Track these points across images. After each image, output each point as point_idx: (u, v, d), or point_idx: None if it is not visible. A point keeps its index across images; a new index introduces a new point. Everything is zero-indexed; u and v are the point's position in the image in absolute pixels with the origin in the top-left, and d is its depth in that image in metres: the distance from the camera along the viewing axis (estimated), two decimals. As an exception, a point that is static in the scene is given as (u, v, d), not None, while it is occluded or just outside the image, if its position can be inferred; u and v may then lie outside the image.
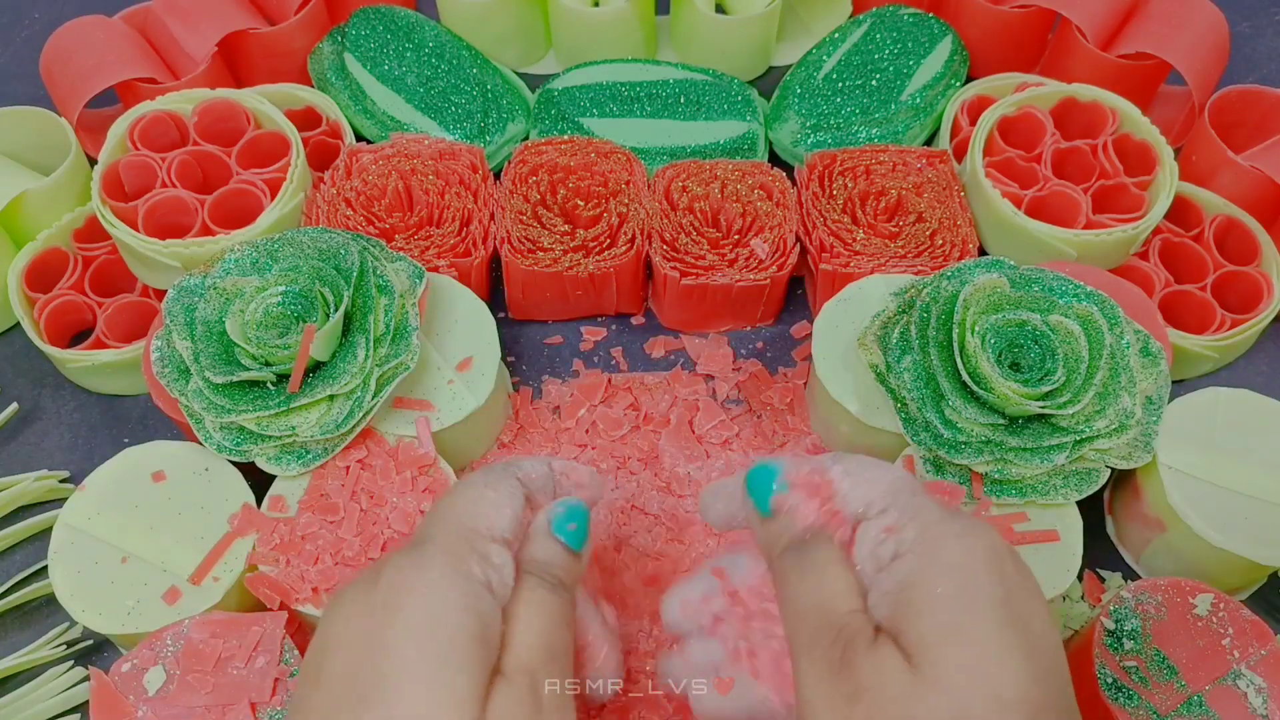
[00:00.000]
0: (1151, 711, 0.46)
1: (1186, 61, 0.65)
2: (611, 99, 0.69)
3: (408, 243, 0.60)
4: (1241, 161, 0.63)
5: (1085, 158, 0.63)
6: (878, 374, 0.53)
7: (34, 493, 0.57)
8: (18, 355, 0.64)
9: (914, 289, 0.55)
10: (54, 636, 0.54)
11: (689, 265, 0.60)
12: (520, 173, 0.63)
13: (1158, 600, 0.48)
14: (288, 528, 0.50)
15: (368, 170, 0.63)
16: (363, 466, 0.52)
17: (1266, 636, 0.47)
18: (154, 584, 0.49)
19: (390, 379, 0.52)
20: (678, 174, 0.63)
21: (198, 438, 0.51)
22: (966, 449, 0.50)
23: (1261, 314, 0.60)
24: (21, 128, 0.65)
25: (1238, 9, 0.78)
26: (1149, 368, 0.53)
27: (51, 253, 0.62)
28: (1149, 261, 0.63)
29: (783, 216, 0.61)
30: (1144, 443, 0.52)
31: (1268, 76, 0.77)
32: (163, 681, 0.46)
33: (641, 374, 0.62)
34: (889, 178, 0.63)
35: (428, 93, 0.68)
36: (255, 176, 0.61)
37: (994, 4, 0.70)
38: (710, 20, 0.71)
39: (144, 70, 0.65)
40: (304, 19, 0.70)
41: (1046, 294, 0.53)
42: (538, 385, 0.62)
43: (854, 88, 0.68)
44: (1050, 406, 0.50)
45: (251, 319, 0.51)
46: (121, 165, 0.61)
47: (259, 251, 0.53)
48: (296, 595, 0.48)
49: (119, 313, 0.61)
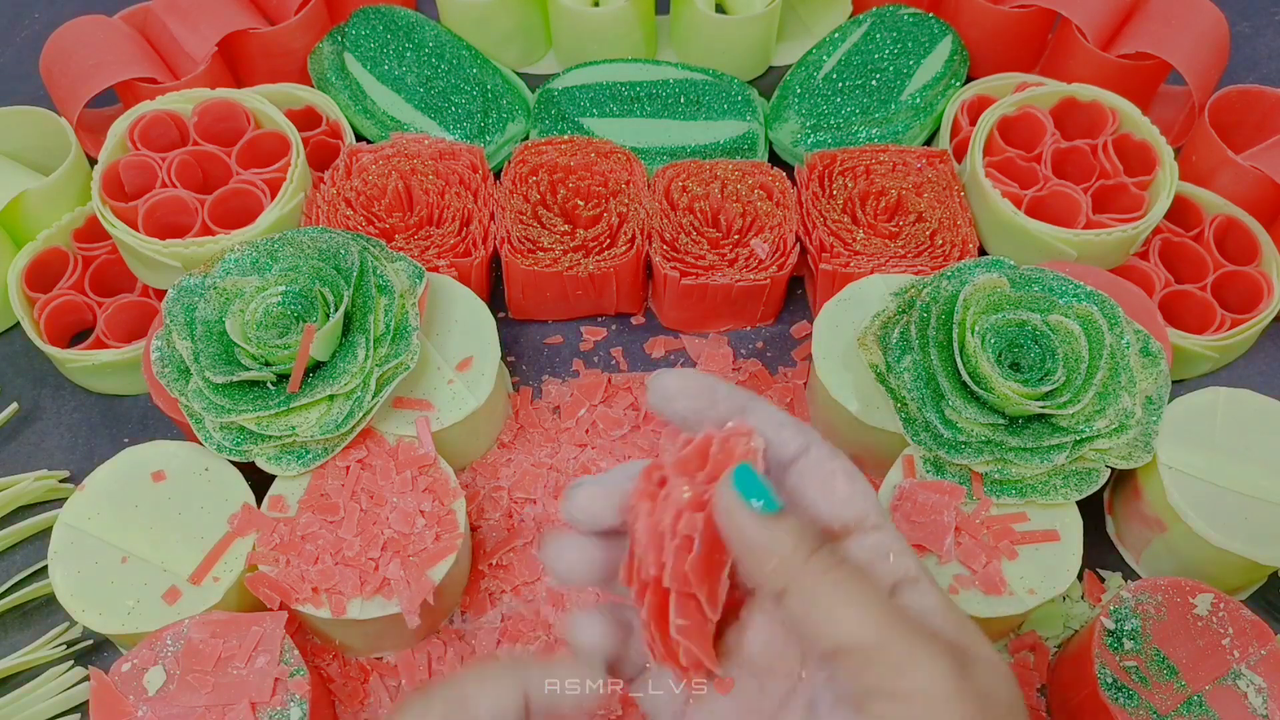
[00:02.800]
0: (1151, 711, 0.46)
1: (1186, 61, 0.65)
2: (611, 99, 0.69)
3: (408, 243, 0.60)
4: (1241, 161, 0.63)
5: (1085, 158, 0.63)
6: (878, 374, 0.53)
7: (34, 493, 0.57)
8: (18, 355, 0.64)
9: (914, 289, 0.55)
10: (54, 636, 0.54)
11: (689, 265, 0.60)
12: (520, 173, 0.63)
13: (1158, 600, 0.48)
14: (288, 528, 0.50)
15: (368, 170, 0.63)
16: (363, 466, 0.52)
17: (1266, 636, 0.47)
18: (154, 584, 0.49)
19: (390, 379, 0.52)
20: (678, 174, 0.63)
21: (198, 438, 0.51)
22: (966, 449, 0.50)
23: (1261, 314, 0.60)
24: (21, 128, 0.65)
25: (1238, 9, 0.78)
26: (1149, 368, 0.53)
27: (51, 253, 0.62)
28: (1149, 261, 0.63)
29: (783, 216, 0.61)
30: (1144, 443, 0.52)
31: (1268, 76, 0.77)
32: (163, 681, 0.46)
33: (641, 374, 0.62)
34: (889, 178, 0.63)
35: (428, 93, 0.68)
36: (255, 176, 0.61)
37: (994, 4, 0.70)
38: (710, 20, 0.71)
39: (144, 70, 0.65)
40: (304, 19, 0.70)
41: (1046, 294, 0.52)
42: (538, 385, 0.62)
43: (854, 88, 0.68)
44: (1050, 406, 0.50)
45: (251, 319, 0.51)
46: (121, 165, 0.61)
47: (259, 251, 0.53)
48: (296, 595, 0.48)
49: (119, 313, 0.61)
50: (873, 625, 0.29)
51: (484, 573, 0.55)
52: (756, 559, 0.30)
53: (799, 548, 0.30)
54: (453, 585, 0.52)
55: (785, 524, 0.30)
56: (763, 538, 0.30)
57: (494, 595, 0.55)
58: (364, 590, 0.48)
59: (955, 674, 0.29)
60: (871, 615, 0.29)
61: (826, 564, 0.30)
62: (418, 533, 0.50)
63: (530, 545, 0.56)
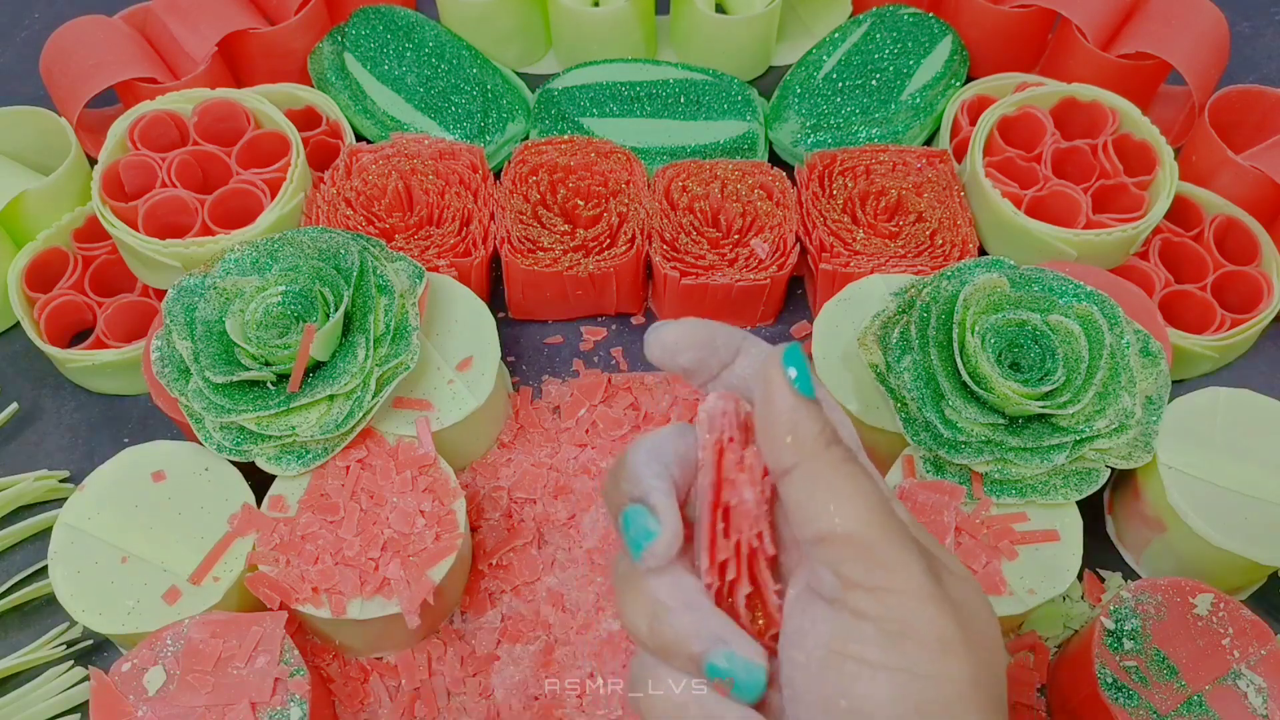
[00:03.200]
0: (1151, 711, 0.46)
1: (1186, 61, 0.65)
2: (611, 99, 0.69)
3: (408, 243, 0.60)
4: (1241, 161, 0.63)
5: (1085, 158, 0.63)
6: (878, 374, 0.53)
7: (34, 493, 0.57)
8: (18, 355, 0.64)
9: (914, 289, 0.55)
10: (54, 636, 0.54)
11: (689, 265, 0.60)
12: (520, 173, 0.63)
13: (1158, 600, 0.48)
14: (288, 528, 0.50)
15: (368, 170, 0.63)
16: (363, 466, 0.52)
17: (1266, 636, 0.47)
18: (154, 584, 0.49)
19: (390, 379, 0.52)
20: (678, 174, 0.63)
21: (198, 438, 0.51)
22: (966, 449, 0.50)
23: (1261, 314, 0.60)
24: (21, 128, 0.65)
25: (1238, 9, 0.78)
26: (1149, 368, 0.53)
27: (51, 253, 0.62)
28: (1149, 261, 0.63)
29: (783, 216, 0.61)
30: (1144, 443, 0.52)
31: (1268, 76, 0.77)
32: (163, 681, 0.46)
33: (641, 374, 0.62)
34: (889, 178, 0.63)
35: (428, 93, 0.68)
36: (255, 176, 0.61)
37: (994, 4, 0.70)
38: (710, 20, 0.71)
39: (144, 70, 0.65)
40: (304, 19, 0.70)
41: (1046, 294, 0.52)
42: (538, 385, 0.62)
43: (854, 88, 0.68)
44: (1050, 406, 0.50)
45: (251, 319, 0.51)
46: (121, 165, 0.61)
47: (259, 251, 0.53)
48: (296, 595, 0.48)
49: (119, 313, 0.61)
50: (867, 519, 0.30)
51: (484, 573, 0.55)
52: (779, 430, 0.31)
53: (822, 433, 0.31)
54: (453, 585, 0.52)
55: (816, 409, 0.31)
56: (793, 411, 0.31)
57: (494, 595, 0.55)
58: (364, 590, 0.48)
59: (933, 580, 0.30)
60: (869, 511, 0.30)
61: (841, 456, 0.31)
62: (418, 533, 0.50)
63: (530, 545, 0.56)
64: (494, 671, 0.53)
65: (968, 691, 0.29)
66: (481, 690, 0.52)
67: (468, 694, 0.52)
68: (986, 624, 0.31)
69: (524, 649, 0.53)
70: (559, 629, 0.54)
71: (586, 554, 0.56)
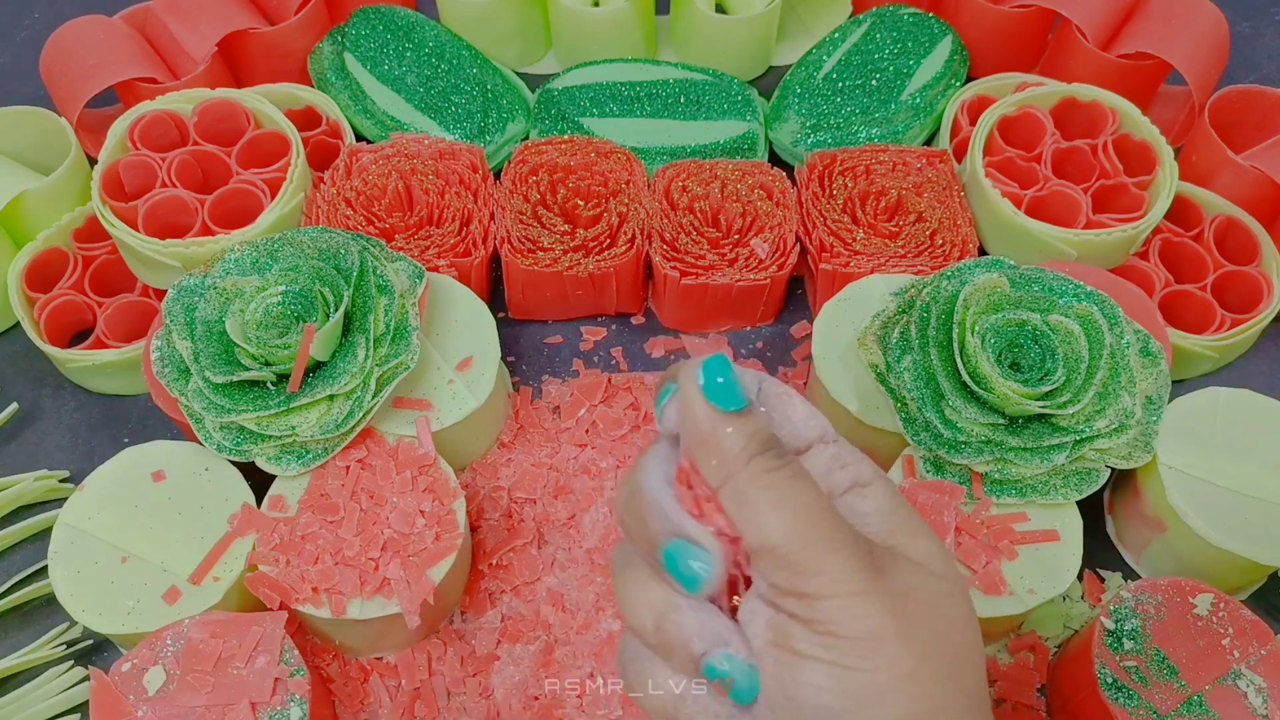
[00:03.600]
0: (1151, 711, 0.46)
1: (1186, 61, 0.65)
2: (611, 99, 0.69)
3: (408, 243, 0.60)
4: (1241, 161, 0.63)
5: (1085, 158, 0.63)
6: (878, 374, 0.53)
7: (34, 493, 0.57)
8: (18, 355, 0.64)
9: (914, 289, 0.55)
10: (54, 636, 0.54)
11: (689, 265, 0.60)
12: (520, 173, 0.63)
13: (1158, 600, 0.48)
14: (288, 528, 0.50)
15: (368, 170, 0.63)
16: (363, 466, 0.52)
17: (1266, 636, 0.47)
18: (154, 584, 0.49)
19: (390, 379, 0.52)
20: (678, 174, 0.63)
21: (198, 438, 0.51)
22: (966, 449, 0.50)
23: (1261, 314, 0.60)
24: (21, 128, 0.65)
25: (1238, 9, 0.78)
26: (1149, 368, 0.53)
27: (51, 253, 0.62)
28: (1149, 261, 0.63)
29: (783, 216, 0.61)
30: (1144, 443, 0.52)
31: (1268, 76, 0.77)
32: (163, 681, 0.46)
33: (641, 374, 0.62)
34: (889, 178, 0.63)
35: (428, 93, 0.68)
36: (255, 176, 0.61)
37: (994, 4, 0.70)
38: (710, 20, 0.71)
39: (144, 70, 0.65)
40: (304, 19, 0.70)
41: (1046, 294, 0.52)
42: (538, 385, 0.62)
43: (854, 88, 0.68)
44: (1050, 406, 0.50)
45: (251, 319, 0.51)
46: (121, 165, 0.61)
47: (259, 251, 0.53)
48: (296, 595, 0.48)
49: (119, 313, 0.61)
50: (789, 529, 0.30)
51: (484, 573, 0.55)
52: (705, 451, 0.31)
53: (745, 448, 0.31)
54: (453, 585, 0.52)
55: (736, 422, 0.31)
56: (712, 432, 0.31)
57: (494, 595, 0.55)
58: (364, 590, 0.48)
59: (864, 575, 0.30)
60: (791, 519, 0.30)
61: (766, 466, 0.31)
62: (418, 533, 0.50)
63: (530, 545, 0.56)
64: (494, 671, 0.53)
65: (902, 681, 0.30)
66: (481, 690, 0.52)
67: (468, 694, 0.52)
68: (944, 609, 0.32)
69: (524, 649, 0.53)
70: (559, 629, 0.54)
71: (586, 554, 0.56)
